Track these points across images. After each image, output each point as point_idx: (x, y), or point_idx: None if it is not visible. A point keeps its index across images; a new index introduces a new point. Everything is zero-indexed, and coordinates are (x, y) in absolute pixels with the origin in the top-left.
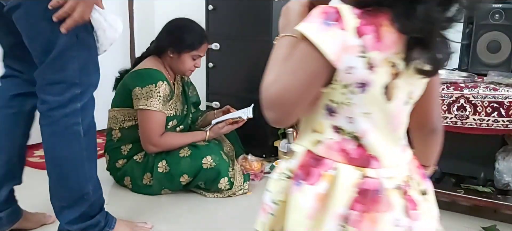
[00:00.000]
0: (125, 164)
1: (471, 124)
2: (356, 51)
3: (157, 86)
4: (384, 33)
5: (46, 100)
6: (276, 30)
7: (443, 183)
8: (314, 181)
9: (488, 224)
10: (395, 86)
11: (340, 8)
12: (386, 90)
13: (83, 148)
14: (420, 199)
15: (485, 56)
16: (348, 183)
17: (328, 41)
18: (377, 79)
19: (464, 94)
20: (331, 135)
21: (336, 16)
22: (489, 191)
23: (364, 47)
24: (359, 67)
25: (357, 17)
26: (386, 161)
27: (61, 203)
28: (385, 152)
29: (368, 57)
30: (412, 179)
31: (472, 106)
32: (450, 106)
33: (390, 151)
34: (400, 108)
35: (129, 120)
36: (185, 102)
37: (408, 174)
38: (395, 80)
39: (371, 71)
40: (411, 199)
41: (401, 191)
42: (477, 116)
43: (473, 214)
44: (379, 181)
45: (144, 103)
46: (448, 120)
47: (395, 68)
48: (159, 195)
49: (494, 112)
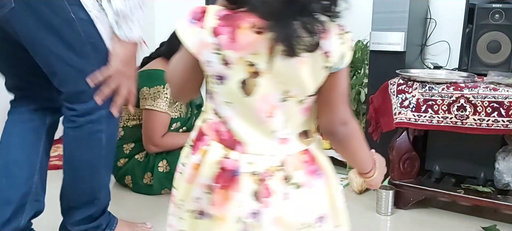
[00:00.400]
0: (126, 162)
1: (471, 124)
2: (211, 48)
3: (165, 88)
4: (239, 35)
5: (72, 108)
6: None
7: (443, 183)
8: (195, 152)
9: (488, 224)
10: (256, 83)
11: (208, 8)
12: (244, 86)
13: (102, 156)
14: (283, 190)
15: (485, 56)
16: (213, 159)
17: (190, 37)
18: (233, 75)
19: (464, 94)
20: (211, 115)
21: (199, 15)
22: (489, 191)
23: (219, 46)
24: (215, 62)
25: (218, 18)
26: (250, 148)
27: (70, 203)
28: (249, 140)
29: (223, 54)
30: (280, 171)
31: (472, 107)
32: (450, 106)
33: (256, 140)
34: (266, 104)
35: (133, 119)
36: (190, 105)
37: (278, 165)
38: (255, 79)
39: (227, 67)
40: (267, 187)
41: (257, 178)
42: (477, 116)
43: (473, 214)
44: (238, 164)
45: (151, 104)
46: (448, 119)
47: (253, 67)
48: (159, 195)
49: (494, 113)
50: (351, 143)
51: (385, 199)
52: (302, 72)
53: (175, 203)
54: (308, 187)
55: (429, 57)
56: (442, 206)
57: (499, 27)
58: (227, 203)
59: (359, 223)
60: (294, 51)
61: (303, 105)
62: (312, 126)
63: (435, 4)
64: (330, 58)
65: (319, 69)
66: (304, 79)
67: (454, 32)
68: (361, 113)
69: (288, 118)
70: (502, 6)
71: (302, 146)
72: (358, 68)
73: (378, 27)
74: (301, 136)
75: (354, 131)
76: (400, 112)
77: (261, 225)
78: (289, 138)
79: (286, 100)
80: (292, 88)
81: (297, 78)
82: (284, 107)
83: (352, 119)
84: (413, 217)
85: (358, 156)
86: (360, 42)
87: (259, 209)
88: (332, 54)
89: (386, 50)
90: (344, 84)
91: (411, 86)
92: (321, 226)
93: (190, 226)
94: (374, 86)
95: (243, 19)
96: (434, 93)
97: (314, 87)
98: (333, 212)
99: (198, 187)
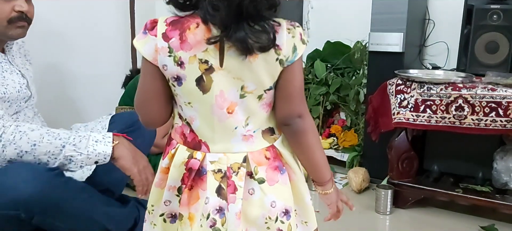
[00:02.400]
0: None
1: (469, 124)
2: (165, 52)
3: None
4: (188, 35)
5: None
6: None
7: (442, 182)
8: (164, 157)
9: (486, 224)
10: (212, 80)
11: (159, 19)
12: (201, 84)
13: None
14: (247, 185)
15: (483, 57)
16: (179, 161)
17: (145, 46)
18: (188, 74)
19: (462, 94)
20: (177, 120)
21: (151, 26)
22: (488, 190)
23: (171, 48)
24: (170, 65)
25: (166, 25)
26: (214, 147)
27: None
28: (213, 139)
29: (175, 55)
30: (244, 167)
31: (470, 107)
32: (449, 106)
33: (219, 138)
34: (225, 101)
35: None
36: None
37: (242, 161)
38: (210, 75)
39: (181, 68)
40: (232, 183)
41: (221, 175)
42: (475, 116)
43: (471, 214)
44: (203, 163)
45: None
46: (446, 120)
47: (206, 64)
48: None
49: (492, 113)
50: (306, 137)
51: (384, 198)
52: (254, 66)
53: (148, 210)
54: (272, 182)
55: (427, 58)
56: (441, 206)
57: (497, 28)
58: (194, 202)
59: (358, 222)
60: (249, 50)
61: (262, 101)
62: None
63: (434, 5)
64: (281, 51)
65: (272, 63)
66: (258, 73)
67: (452, 33)
68: (360, 114)
69: (249, 115)
70: (500, 7)
71: (266, 143)
72: (357, 68)
73: (377, 28)
74: (265, 133)
75: (310, 125)
76: (399, 112)
77: (227, 221)
78: (252, 135)
79: (245, 97)
80: (248, 83)
81: (251, 72)
82: (244, 104)
83: (309, 114)
84: (411, 216)
85: (314, 154)
86: (359, 43)
87: (224, 205)
88: (283, 47)
89: (385, 51)
90: (299, 78)
91: (410, 86)
92: (286, 220)
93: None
94: (373, 87)
95: (190, 21)
96: (433, 94)
97: (269, 81)
98: (300, 207)
99: (168, 190)
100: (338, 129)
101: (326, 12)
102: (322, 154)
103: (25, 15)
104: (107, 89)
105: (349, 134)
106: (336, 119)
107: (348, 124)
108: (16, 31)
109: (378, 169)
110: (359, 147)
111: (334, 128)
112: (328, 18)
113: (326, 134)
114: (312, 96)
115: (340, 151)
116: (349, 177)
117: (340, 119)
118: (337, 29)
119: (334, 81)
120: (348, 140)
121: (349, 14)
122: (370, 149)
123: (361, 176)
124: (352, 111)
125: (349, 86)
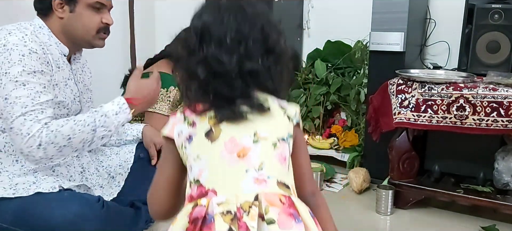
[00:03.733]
0: None
1: (470, 124)
2: (181, 120)
3: (169, 91)
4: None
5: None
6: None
7: (443, 182)
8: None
9: (487, 224)
10: (220, 130)
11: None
12: (210, 135)
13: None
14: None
15: (485, 57)
16: (182, 214)
17: (165, 128)
18: (199, 129)
19: (464, 94)
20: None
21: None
22: (489, 190)
23: (185, 117)
24: (184, 128)
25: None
26: (222, 190)
27: None
28: (220, 184)
29: (189, 120)
30: (255, 206)
31: (471, 107)
32: (450, 106)
33: (229, 181)
34: (236, 145)
35: (135, 120)
36: None
37: (253, 200)
38: (220, 125)
39: (193, 127)
40: (244, 225)
41: (230, 217)
42: (477, 116)
43: (472, 214)
44: (208, 209)
45: (153, 106)
46: (448, 119)
47: (216, 119)
48: None
49: (493, 113)
50: (320, 212)
51: (384, 198)
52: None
53: None
54: (283, 227)
55: (428, 57)
56: (442, 206)
57: (499, 28)
58: None
59: (359, 223)
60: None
61: (277, 150)
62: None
63: (435, 5)
64: (285, 110)
65: (280, 116)
66: (268, 121)
67: (453, 32)
68: (361, 114)
69: (264, 160)
70: (502, 6)
71: (282, 191)
72: (358, 68)
73: (377, 28)
74: (280, 185)
75: (322, 201)
76: (400, 112)
77: None
78: (266, 180)
79: (258, 142)
80: (259, 130)
81: (261, 120)
82: (258, 148)
83: (319, 191)
84: (412, 216)
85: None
86: (359, 42)
87: None
88: (285, 106)
89: (386, 51)
90: (306, 153)
91: (411, 86)
92: None
93: None
94: (373, 87)
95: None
96: (434, 94)
97: (282, 131)
98: None
99: None
100: (338, 129)
101: (326, 11)
102: (334, 228)
103: (108, 27)
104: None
105: (350, 134)
106: (337, 119)
107: (348, 124)
108: (100, 42)
109: (378, 169)
110: (359, 147)
111: (335, 128)
112: (329, 17)
113: (327, 134)
114: (313, 96)
115: (341, 151)
116: (350, 177)
117: (341, 118)
118: (338, 29)
119: (334, 81)
120: (348, 140)
121: (350, 14)
122: (371, 149)
123: (362, 176)
124: (353, 111)
125: (349, 86)
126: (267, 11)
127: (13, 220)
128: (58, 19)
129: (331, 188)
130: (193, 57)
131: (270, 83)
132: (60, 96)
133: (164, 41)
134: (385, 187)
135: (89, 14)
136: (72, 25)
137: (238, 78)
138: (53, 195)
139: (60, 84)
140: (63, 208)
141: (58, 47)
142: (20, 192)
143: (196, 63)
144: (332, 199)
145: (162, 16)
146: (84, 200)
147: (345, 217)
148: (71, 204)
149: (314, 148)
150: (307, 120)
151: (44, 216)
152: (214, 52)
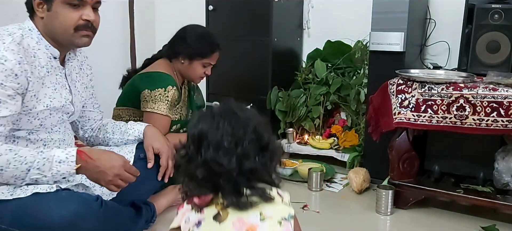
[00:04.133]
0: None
1: (470, 124)
2: (188, 210)
3: (167, 90)
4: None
5: None
6: (275, 30)
7: (443, 182)
8: None
9: (487, 224)
10: (228, 213)
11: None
12: (217, 217)
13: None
14: None
15: (485, 56)
16: None
17: (177, 218)
18: (207, 215)
19: (464, 94)
20: None
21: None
22: (489, 190)
23: (194, 206)
24: (192, 216)
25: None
26: None
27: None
28: None
29: (196, 206)
30: None
31: (471, 107)
32: (450, 106)
33: None
34: (243, 224)
35: (134, 120)
36: (190, 107)
37: None
38: (227, 209)
39: (201, 213)
40: None
41: None
42: (477, 116)
43: (472, 214)
44: None
45: (152, 106)
46: (448, 119)
47: (222, 205)
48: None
49: (493, 113)
50: None
51: (384, 198)
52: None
53: None
54: None
55: (428, 57)
56: (442, 206)
57: (499, 28)
58: None
59: (358, 223)
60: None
61: (283, 227)
62: None
63: (435, 5)
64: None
65: (279, 201)
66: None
67: (453, 32)
68: (361, 113)
69: None
70: (502, 6)
71: None
72: (358, 68)
73: (377, 28)
74: None
75: None
76: (400, 112)
77: None
78: None
79: (265, 220)
80: (264, 210)
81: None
82: (265, 226)
83: None
84: (412, 216)
85: None
86: (359, 42)
87: None
88: (282, 194)
89: (386, 50)
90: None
91: (411, 86)
92: None
93: None
94: (373, 86)
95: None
96: (434, 94)
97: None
98: None
99: None
100: (338, 129)
101: (326, 11)
102: None
103: (91, 24)
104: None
105: (350, 134)
106: (337, 119)
107: (348, 124)
108: (82, 39)
109: (378, 169)
110: (359, 147)
111: (335, 128)
112: (329, 17)
113: (327, 134)
114: (313, 96)
115: (341, 151)
116: (350, 177)
117: (341, 118)
118: (338, 29)
119: (334, 81)
120: (348, 140)
121: (350, 14)
122: (371, 149)
123: (362, 176)
124: (353, 111)
125: (349, 86)
126: (256, 113)
127: (12, 221)
128: (40, 19)
129: (331, 188)
130: (193, 162)
131: (267, 177)
132: (40, 105)
133: (164, 41)
134: (385, 187)
135: (65, 11)
136: (52, 24)
137: (239, 176)
138: (51, 194)
139: (48, 91)
140: (61, 207)
141: (48, 50)
142: (18, 193)
143: (195, 167)
144: (332, 199)
145: (162, 16)
146: (82, 199)
147: (345, 217)
148: (69, 203)
149: (314, 148)
150: (307, 120)
151: (42, 216)
152: (213, 156)
